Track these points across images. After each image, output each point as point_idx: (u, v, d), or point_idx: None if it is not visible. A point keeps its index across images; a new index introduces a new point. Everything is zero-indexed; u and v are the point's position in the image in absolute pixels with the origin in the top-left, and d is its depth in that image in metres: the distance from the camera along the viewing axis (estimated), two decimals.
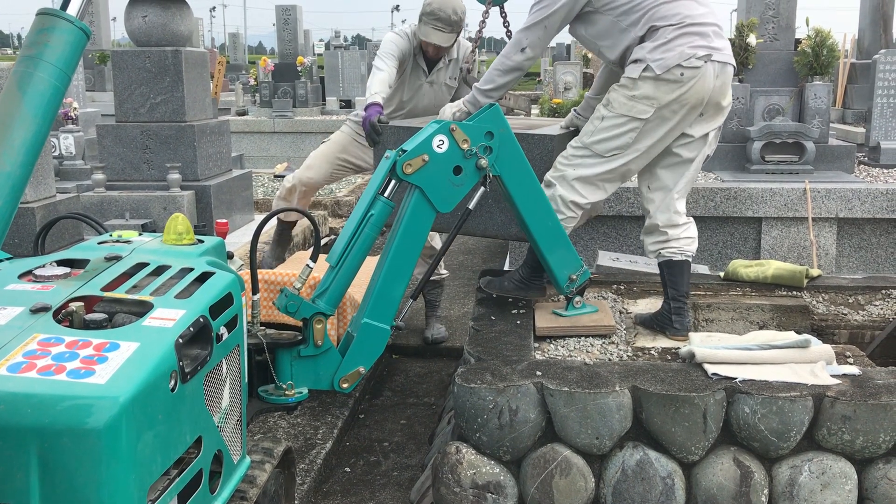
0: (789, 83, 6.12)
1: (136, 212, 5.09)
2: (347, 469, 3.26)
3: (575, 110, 3.45)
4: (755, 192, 5.26)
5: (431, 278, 4.30)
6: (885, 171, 5.96)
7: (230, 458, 2.07)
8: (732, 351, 2.63)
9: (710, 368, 2.55)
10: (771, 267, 3.63)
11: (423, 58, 4.23)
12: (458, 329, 4.83)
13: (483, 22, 3.64)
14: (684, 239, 3.05)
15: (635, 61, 2.92)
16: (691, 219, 3.13)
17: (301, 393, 2.65)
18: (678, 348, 2.84)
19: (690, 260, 3.08)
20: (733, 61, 2.98)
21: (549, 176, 3.04)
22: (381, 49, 4.16)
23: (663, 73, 2.83)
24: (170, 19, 5.42)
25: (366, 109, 3.81)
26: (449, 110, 3.33)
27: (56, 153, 7.59)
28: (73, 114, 7.92)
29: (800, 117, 5.99)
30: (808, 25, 6.05)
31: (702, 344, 2.76)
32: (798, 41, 6.27)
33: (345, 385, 2.69)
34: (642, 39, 2.93)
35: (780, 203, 5.23)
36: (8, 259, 2.54)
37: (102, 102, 12.47)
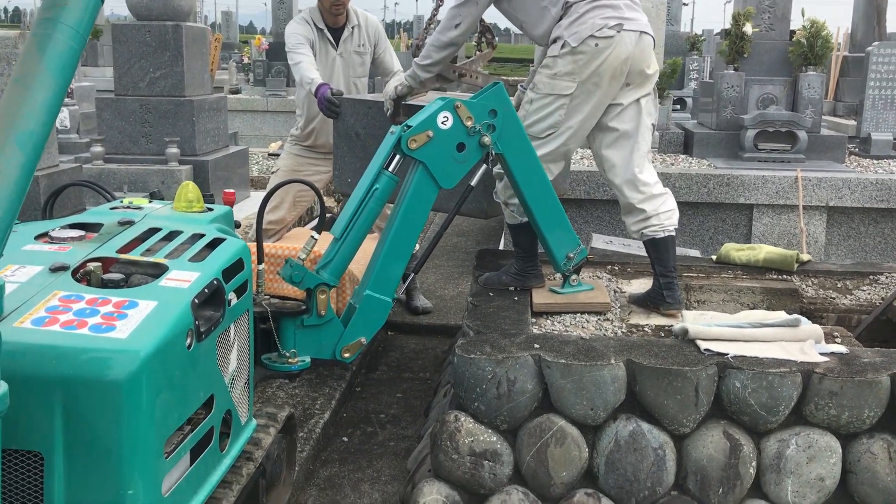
0: (783, 73, 6.20)
1: (134, 185, 5.12)
2: (345, 439, 3.33)
3: (521, 85, 3.51)
4: (747, 179, 5.33)
5: None
6: (876, 161, 6.05)
7: (238, 418, 2.13)
8: (724, 328, 2.71)
9: (703, 344, 2.63)
10: (762, 251, 3.71)
11: (327, 31, 4.41)
12: (452, 308, 4.89)
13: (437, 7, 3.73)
14: (664, 213, 3.08)
15: (555, 40, 3.01)
16: (667, 190, 3.17)
17: (304, 361, 2.71)
18: (671, 326, 2.92)
19: (674, 234, 3.12)
20: (650, 31, 3.05)
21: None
22: (289, 42, 4.35)
23: (578, 45, 2.91)
24: None
25: (315, 94, 4.03)
26: (391, 85, 3.48)
27: None
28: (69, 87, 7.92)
29: (793, 107, 6.07)
30: (803, 16, 6.12)
31: (694, 321, 2.83)
32: (793, 32, 6.35)
33: (346, 355, 2.75)
34: (560, 18, 3.01)
35: (771, 191, 5.31)
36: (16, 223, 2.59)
37: (95, 77, 12.42)
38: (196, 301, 1.80)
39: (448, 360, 3.86)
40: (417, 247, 4.49)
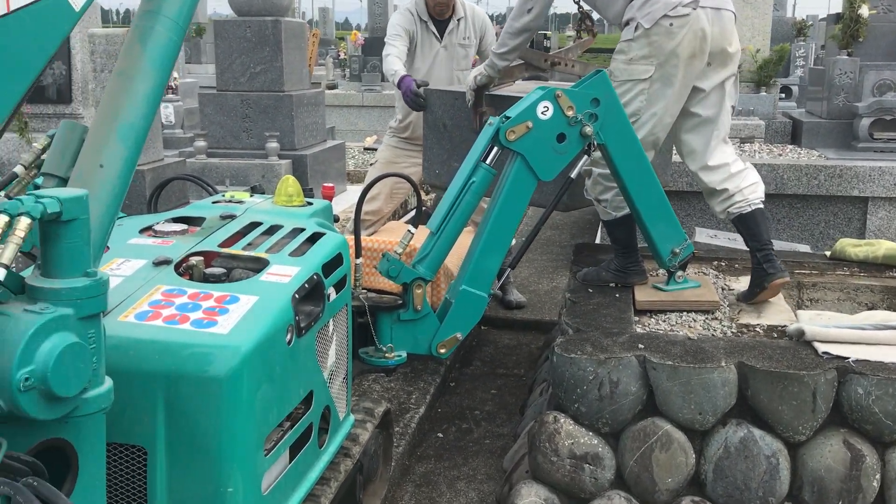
0: None
1: (235, 178, 5.23)
2: (440, 434, 3.30)
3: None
4: (862, 170, 5.04)
5: None
6: None
7: (336, 414, 2.11)
8: (844, 330, 2.54)
9: (821, 347, 2.47)
10: (882, 247, 3.48)
11: (432, 23, 4.33)
12: (546, 303, 4.80)
13: None
14: (747, 188, 2.97)
15: (627, 22, 2.88)
16: (747, 164, 3.05)
17: (400, 356, 2.68)
18: (785, 326, 2.76)
19: (761, 206, 2.99)
20: (730, 6, 2.89)
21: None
22: (388, 32, 4.34)
23: (652, 26, 2.78)
24: None
25: (399, 86, 4.00)
26: (471, 75, 3.42)
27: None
28: (174, 84, 8.17)
29: None
30: None
31: (811, 322, 2.67)
32: None
33: (442, 350, 2.71)
34: None
35: (889, 183, 5.00)
36: (120, 217, 2.65)
37: (198, 74, 12.80)
38: (296, 296, 1.78)
39: (543, 356, 3.78)
40: (514, 241, 4.43)
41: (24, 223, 1.17)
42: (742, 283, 3.27)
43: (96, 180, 1.41)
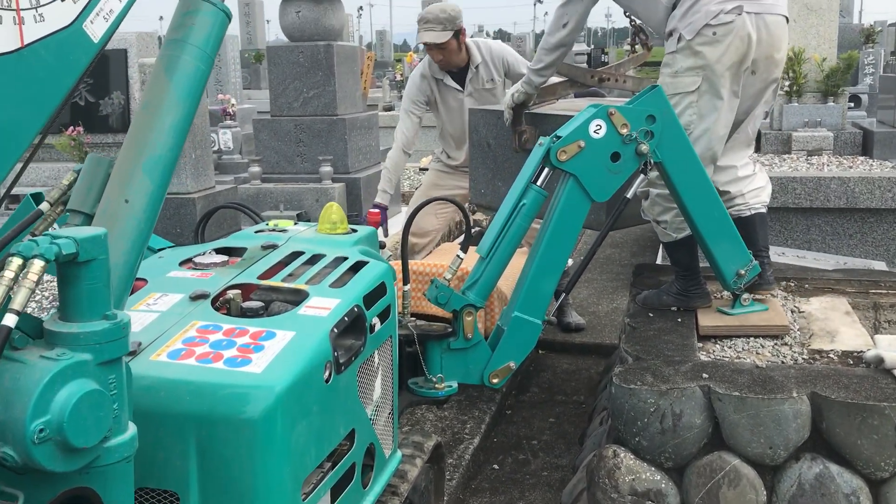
0: None
1: (289, 203, 5.22)
2: (496, 466, 3.18)
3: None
4: None
5: None
6: None
7: (382, 451, 2.02)
8: None
9: None
10: None
11: (449, 77, 4.23)
12: (606, 325, 4.65)
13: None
14: (749, 192, 2.91)
15: (670, 34, 2.77)
16: (757, 169, 2.97)
17: (451, 387, 2.59)
18: (861, 351, 2.58)
19: (763, 211, 2.94)
20: (782, 10, 2.74)
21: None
22: (404, 98, 4.33)
23: (694, 36, 2.67)
24: (322, 14, 5.52)
25: (372, 206, 4.25)
26: (508, 93, 3.36)
27: (215, 148, 7.95)
28: (231, 110, 8.28)
29: None
30: None
31: (890, 348, 2.48)
32: None
33: (495, 380, 2.60)
34: (674, 7, 2.77)
35: None
36: (170, 247, 2.62)
37: (258, 100, 12.99)
38: (335, 330, 1.70)
39: (603, 382, 3.63)
40: (570, 262, 4.31)
41: (37, 266, 1.12)
42: (813, 305, 3.09)
43: (121, 216, 1.35)
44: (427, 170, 8.20)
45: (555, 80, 3.74)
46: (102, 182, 1.45)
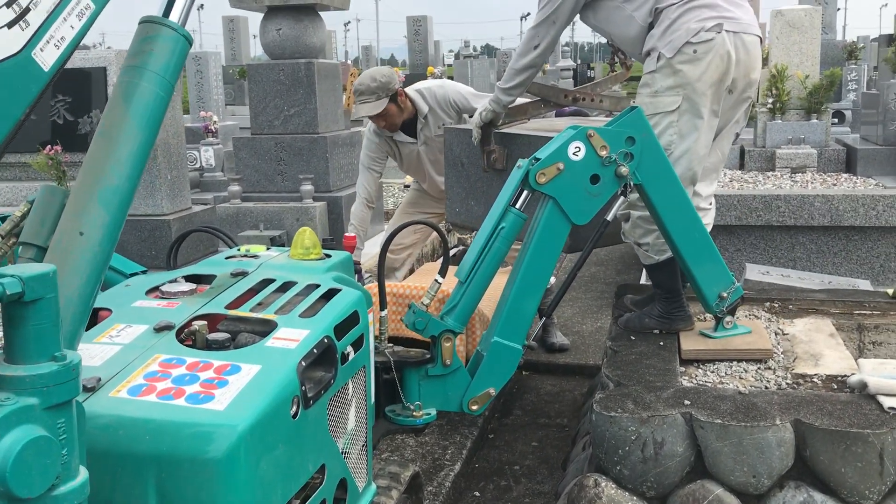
0: None
1: (270, 223, 5.16)
2: (477, 493, 3.12)
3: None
4: None
5: None
6: None
7: (355, 485, 1.96)
8: None
9: (887, 402, 2.25)
10: None
11: (399, 132, 4.19)
12: (591, 345, 4.60)
13: None
14: None
15: (649, 53, 2.75)
16: (711, 206, 3.02)
17: (429, 414, 2.53)
18: (845, 376, 2.54)
19: None
20: (757, 31, 2.73)
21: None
22: (362, 153, 4.32)
23: (675, 55, 2.64)
24: (303, 32, 5.48)
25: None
26: (476, 113, 3.30)
27: (197, 165, 7.89)
28: (213, 127, 8.23)
29: None
30: None
31: (874, 372, 2.45)
32: None
33: (474, 407, 2.55)
34: (651, 26, 2.74)
35: None
36: (143, 272, 2.55)
37: (242, 115, 12.94)
38: (303, 364, 1.64)
39: (587, 404, 3.58)
40: (553, 280, 4.28)
41: None
42: (797, 327, 3.05)
43: (76, 249, 1.30)
44: (409, 186, 8.19)
45: (526, 99, 3.71)
46: (56, 213, 1.40)
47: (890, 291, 3.36)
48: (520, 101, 3.85)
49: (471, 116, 4.15)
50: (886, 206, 4.79)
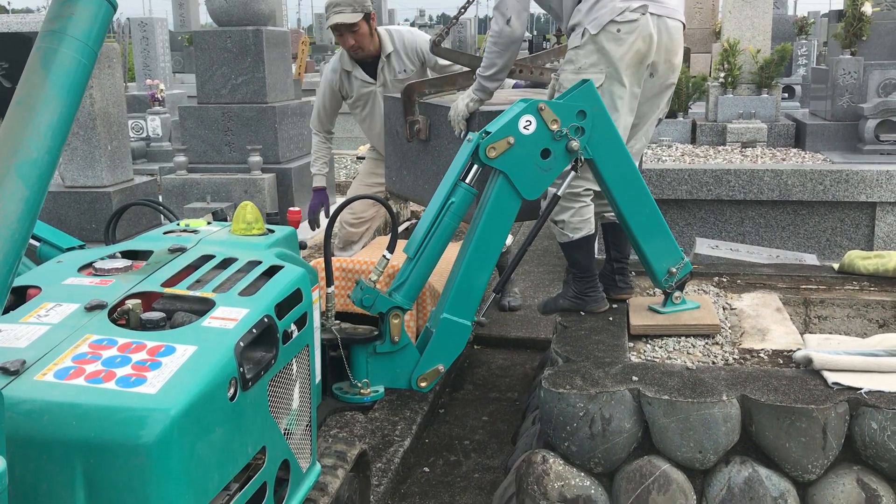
0: None
1: (217, 195, 5.04)
2: (426, 469, 3.10)
3: (554, 75, 3.11)
4: (868, 174, 4.84)
5: None
6: None
7: (298, 466, 1.92)
8: (856, 357, 2.34)
9: (831, 377, 2.27)
10: (893, 259, 3.28)
11: (360, 69, 4.07)
12: (542, 319, 4.59)
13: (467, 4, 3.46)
14: None
15: (573, 28, 2.72)
16: None
17: (377, 392, 2.49)
18: (791, 351, 2.56)
19: None
20: (681, 16, 2.73)
21: None
22: (312, 117, 4.32)
23: (598, 32, 2.62)
24: None
25: (313, 192, 4.28)
26: (461, 103, 3.13)
27: (143, 135, 7.68)
28: (160, 95, 8.00)
29: None
30: None
31: (819, 347, 2.47)
32: None
33: (423, 384, 2.52)
34: (579, 2, 2.71)
35: None
36: (80, 246, 2.46)
37: (190, 84, 12.63)
38: (241, 344, 1.59)
39: (537, 379, 3.58)
40: (510, 239, 4.27)
41: None
42: (745, 301, 3.08)
43: None
44: (364, 158, 8.08)
45: (457, 68, 3.64)
46: None
47: (835, 266, 3.40)
48: (451, 71, 3.78)
49: (432, 69, 4.08)
50: (833, 181, 4.85)
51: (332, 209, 3.68)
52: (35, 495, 1.36)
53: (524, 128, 2.42)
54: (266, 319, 1.70)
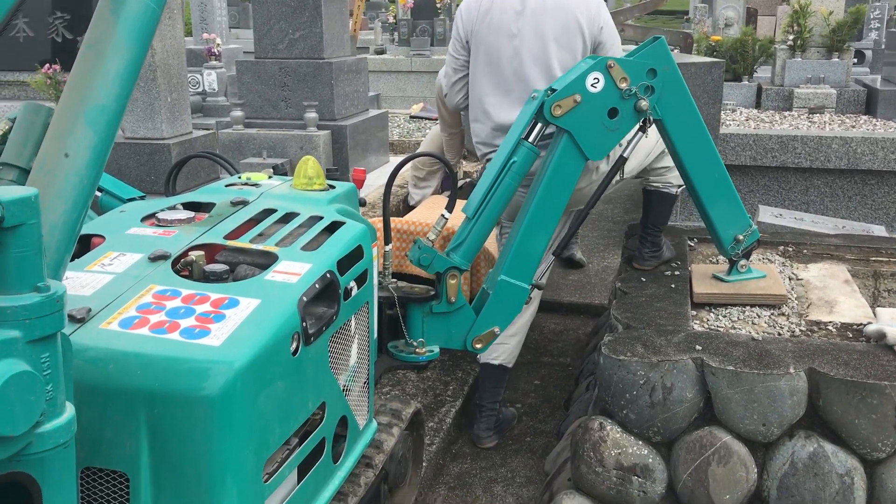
0: None
1: (272, 150, 5.04)
2: None
3: None
4: None
5: None
6: None
7: (356, 423, 1.91)
8: None
9: None
10: None
11: None
12: (596, 284, 4.53)
13: None
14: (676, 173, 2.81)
15: None
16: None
17: (432, 351, 2.48)
18: (861, 324, 2.47)
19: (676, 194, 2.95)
20: None
21: None
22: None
23: None
24: None
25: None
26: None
27: (199, 89, 7.71)
28: (216, 50, 8.01)
29: None
30: None
31: (892, 322, 2.38)
32: None
33: (478, 345, 2.49)
34: None
35: None
36: (141, 197, 2.47)
37: (246, 39, 12.64)
38: (304, 299, 1.57)
39: (591, 344, 3.54)
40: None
41: None
42: (812, 272, 2.97)
43: (61, 172, 1.21)
44: (419, 118, 7.99)
45: None
46: (40, 133, 1.31)
47: None
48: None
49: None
50: None
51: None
52: (99, 442, 1.37)
53: (592, 85, 2.34)
54: (328, 275, 1.68)
